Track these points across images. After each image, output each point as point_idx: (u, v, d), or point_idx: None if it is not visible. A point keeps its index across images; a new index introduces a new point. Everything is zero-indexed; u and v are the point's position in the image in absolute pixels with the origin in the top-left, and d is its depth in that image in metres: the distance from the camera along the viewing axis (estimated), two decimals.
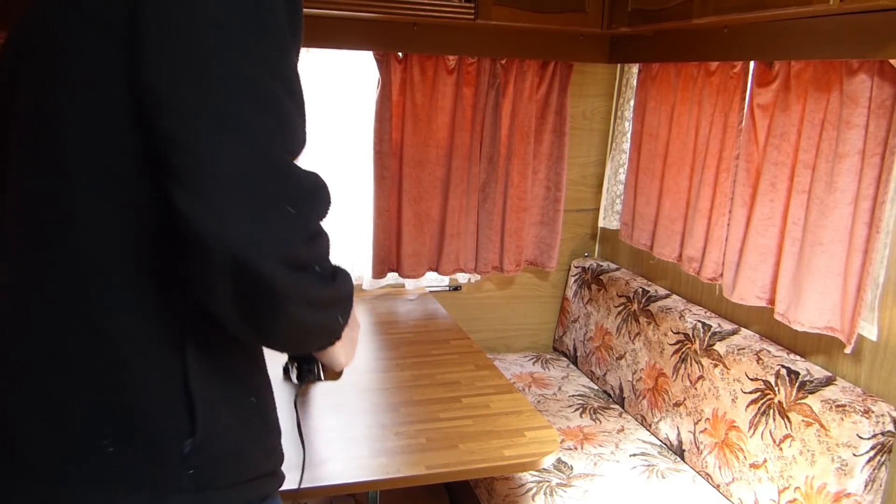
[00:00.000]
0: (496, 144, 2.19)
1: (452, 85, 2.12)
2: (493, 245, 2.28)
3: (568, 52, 2.18)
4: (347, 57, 2.04)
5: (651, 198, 2.11)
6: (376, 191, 2.12)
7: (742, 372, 1.62)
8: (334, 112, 2.06)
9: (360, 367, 1.67)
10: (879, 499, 1.37)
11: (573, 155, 2.38)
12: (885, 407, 1.36)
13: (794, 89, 1.57)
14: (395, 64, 2.05)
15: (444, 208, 2.21)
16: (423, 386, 1.56)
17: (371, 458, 1.25)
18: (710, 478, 1.71)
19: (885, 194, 1.38)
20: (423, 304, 2.20)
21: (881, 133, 1.38)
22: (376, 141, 2.08)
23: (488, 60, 2.12)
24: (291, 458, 1.24)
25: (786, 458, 1.48)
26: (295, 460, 1.23)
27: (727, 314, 1.87)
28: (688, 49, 1.87)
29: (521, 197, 2.28)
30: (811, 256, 1.51)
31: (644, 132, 2.14)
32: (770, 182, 1.63)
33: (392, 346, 1.81)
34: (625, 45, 2.16)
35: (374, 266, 2.19)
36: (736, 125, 1.74)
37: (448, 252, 2.24)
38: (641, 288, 2.10)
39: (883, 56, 1.32)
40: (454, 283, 2.39)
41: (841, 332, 1.49)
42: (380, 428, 1.36)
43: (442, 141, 2.16)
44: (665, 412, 1.88)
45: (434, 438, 1.33)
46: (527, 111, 2.22)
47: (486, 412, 1.45)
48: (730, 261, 1.77)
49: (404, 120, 2.11)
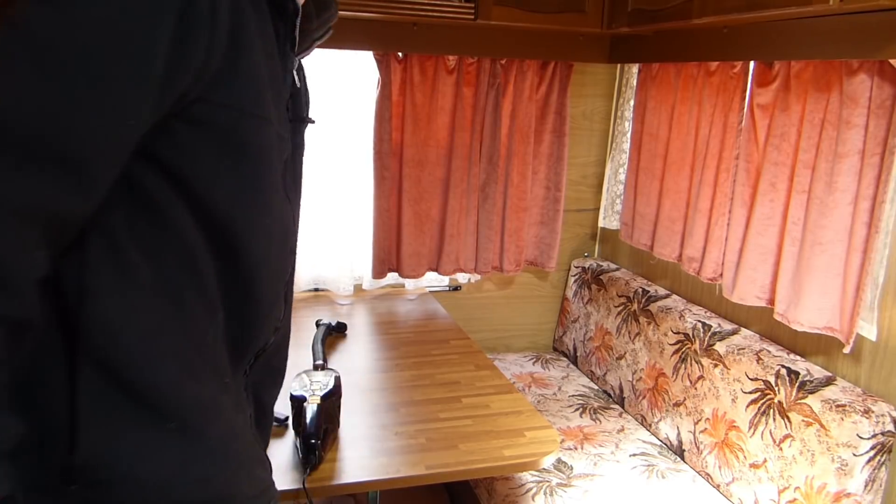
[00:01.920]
0: (496, 144, 2.19)
1: (452, 85, 2.12)
2: (492, 245, 2.28)
3: (568, 53, 2.18)
4: (347, 57, 2.04)
5: (651, 198, 2.11)
6: (376, 191, 2.12)
7: (742, 372, 1.62)
8: (334, 112, 2.06)
9: (360, 367, 1.67)
10: (879, 499, 1.37)
11: (573, 155, 2.38)
12: (885, 407, 1.37)
13: (794, 89, 1.57)
14: (395, 64, 2.05)
15: (444, 208, 2.21)
16: (423, 386, 1.56)
17: (371, 458, 1.25)
18: (710, 478, 1.71)
19: (885, 194, 1.38)
20: (423, 304, 2.20)
21: (881, 133, 1.38)
22: (376, 141, 2.08)
23: (488, 60, 2.12)
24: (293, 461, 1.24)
25: (786, 458, 1.48)
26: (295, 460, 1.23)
27: (727, 314, 1.87)
28: (688, 49, 1.87)
29: (521, 197, 2.28)
30: (811, 256, 1.51)
31: (644, 132, 2.14)
32: (770, 182, 1.63)
33: (392, 346, 1.81)
34: (625, 45, 2.16)
35: (374, 266, 2.19)
36: (736, 125, 1.74)
37: (448, 252, 2.24)
38: (641, 288, 2.10)
39: (883, 56, 1.32)
40: (454, 283, 2.39)
41: (840, 332, 1.49)
42: (380, 428, 1.36)
43: (442, 141, 2.17)
44: (665, 412, 1.88)
45: (434, 438, 1.33)
46: (527, 111, 2.22)
47: (486, 412, 1.46)
48: (730, 261, 1.77)
49: (404, 120, 2.11)
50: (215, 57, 0.58)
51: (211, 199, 0.62)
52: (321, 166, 2.09)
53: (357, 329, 1.93)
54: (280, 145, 0.70)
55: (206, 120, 0.60)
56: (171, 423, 0.66)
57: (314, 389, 1.29)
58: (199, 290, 0.66)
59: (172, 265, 0.63)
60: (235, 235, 0.66)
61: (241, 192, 0.64)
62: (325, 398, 1.27)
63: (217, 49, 0.57)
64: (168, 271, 0.63)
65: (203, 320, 0.67)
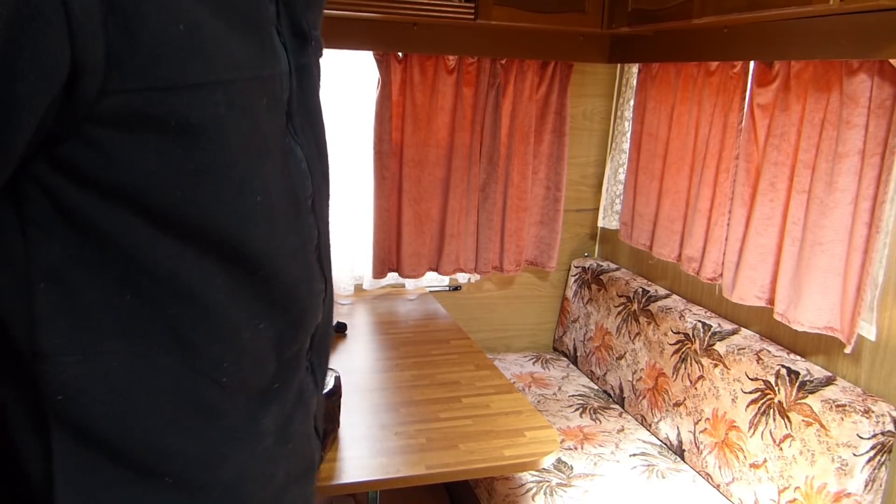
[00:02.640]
0: (496, 144, 2.19)
1: (452, 85, 2.12)
2: (493, 245, 2.28)
3: (568, 52, 2.18)
4: (347, 57, 2.04)
5: (651, 198, 2.11)
6: (376, 191, 2.12)
7: (742, 372, 1.62)
8: (334, 112, 2.06)
9: (360, 367, 1.67)
10: (879, 499, 1.37)
11: (573, 155, 2.38)
12: (885, 407, 1.37)
13: (794, 89, 1.57)
14: (395, 64, 2.05)
15: (444, 208, 2.21)
16: (423, 386, 1.56)
17: (371, 458, 1.25)
18: (711, 478, 1.71)
19: (885, 194, 1.38)
20: (424, 304, 2.20)
21: (881, 133, 1.38)
22: (376, 141, 2.08)
23: (488, 60, 2.12)
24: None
25: (786, 457, 1.48)
26: None
27: (727, 314, 1.87)
28: (688, 49, 1.87)
29: (521, 197, 2.28)
30: (811, 256, 1.51)
31: (644, 132, 2.14)
32: (770, 182, 1.63)
33: (392, 346, 1.81)
34: (625, 45, 2.16)
35: (374, 266, 2.19)
36: (736, 125, 1.74)
37: (448, 252, 2.24)
38: (641, 288, 2.10)
39: (883, 56, 1.32)
40: (454, 283, 2.39)
41: (841, 332, 1.49)
42: (380, 428, 1.36)
43: (442, 141, 2.17)
44: (665, 412, 1.88)
45: (434, 438, 1.33)
46: (527, 111, 2.22)
47: (487, 412, 1.46)
48: (729, 261, 1.77)
49: (404, 120, 2.11)
50: (85, 46, 0.43)
51: (169, 204, 0.50)
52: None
53: (357, 329, 1.93)
54: (265, 88, 0.56)
55: (122, 114, 0.46)
56: (163, 479, 0.58)
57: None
58: (186, 318, 0.54)
59: (143, 298, 0.52)
60: (221, 235, 0.53)
61: (209, 184, 0.51)
62: (326, 398, 1.27)
63: (82, 35, 0.43)
64: (137, 307, 0.52)
65: (206, 349, 0.56)
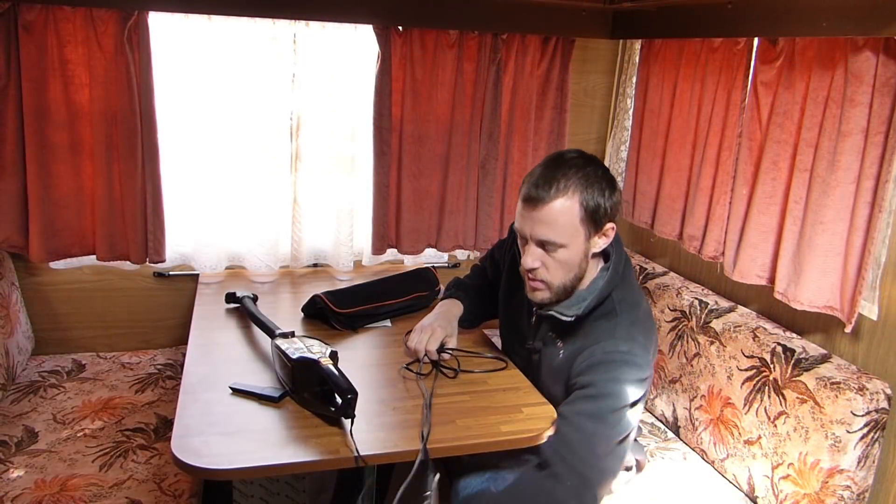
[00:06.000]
0: (496, 120, 2.18)
1: (453, 60, 2.09)
2: (492, 222, 2.28)
3: (570, 28, 2.15)
4: (347, 31, 2.02)
5: (652, 175, 2.10)
6: (376, 167, 2.11)
7: (738, 349, 1.63)
8: (334, 87, 2.04)
9: (358, 343, 1.68)
10: (872, 475, 1.39)
11: (574, 132, 2.36)
12: (879, 384, 1.37)
13: (798, 66, 1.55)
14: (395, 38, 2.03)
15: (444, 184, 2.20)
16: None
17: (368, 432, 1.26)
18: (705, 454, 1.72)
19: (888, 173, 1.37)
20: None
21: (885, 111, 1.37)
22: (376, 116, 2.07)
23: (489, 35, 2.09)
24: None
25: (780, 434, 1.49)
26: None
27: (727, 293, 1.88)
28: (691, 25, 1.85)
29: (520, 173, 2.27)
30: (812, 235, 1.51)
31: (646, 109, 2.12)
32: (772, 160, 1.62)
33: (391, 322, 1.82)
34: (627, 21, 2.13)
35: (373, 242, 2.18)
36: (739, 102, 1.73)
37: (447, 228, 2.23)
38: (639, 265, 2.10)
39: (888, 33, 1.30)
40: (453, 259, 2.39)
41: (840, 311, 1.49)
42: (378, 403, 1.37)
43: (442, 117, 2.15)
44: (661, 389, 1.89)
45: (431, 414, 1.34)
46: (528, 87, 2.19)
47: (484, 388, 1.46)
48: (731, 239, 1.76)
49: (404, 95, 2.09)
50: None
51: None
52: (320, 142, 2.08)
53: None
54: None
55: None
56: None
57: (316, 353, 1.31)
58: None
59: None
60: None
61: None
62: (333, 357, 1.32)
63: None
64: None
65: None
